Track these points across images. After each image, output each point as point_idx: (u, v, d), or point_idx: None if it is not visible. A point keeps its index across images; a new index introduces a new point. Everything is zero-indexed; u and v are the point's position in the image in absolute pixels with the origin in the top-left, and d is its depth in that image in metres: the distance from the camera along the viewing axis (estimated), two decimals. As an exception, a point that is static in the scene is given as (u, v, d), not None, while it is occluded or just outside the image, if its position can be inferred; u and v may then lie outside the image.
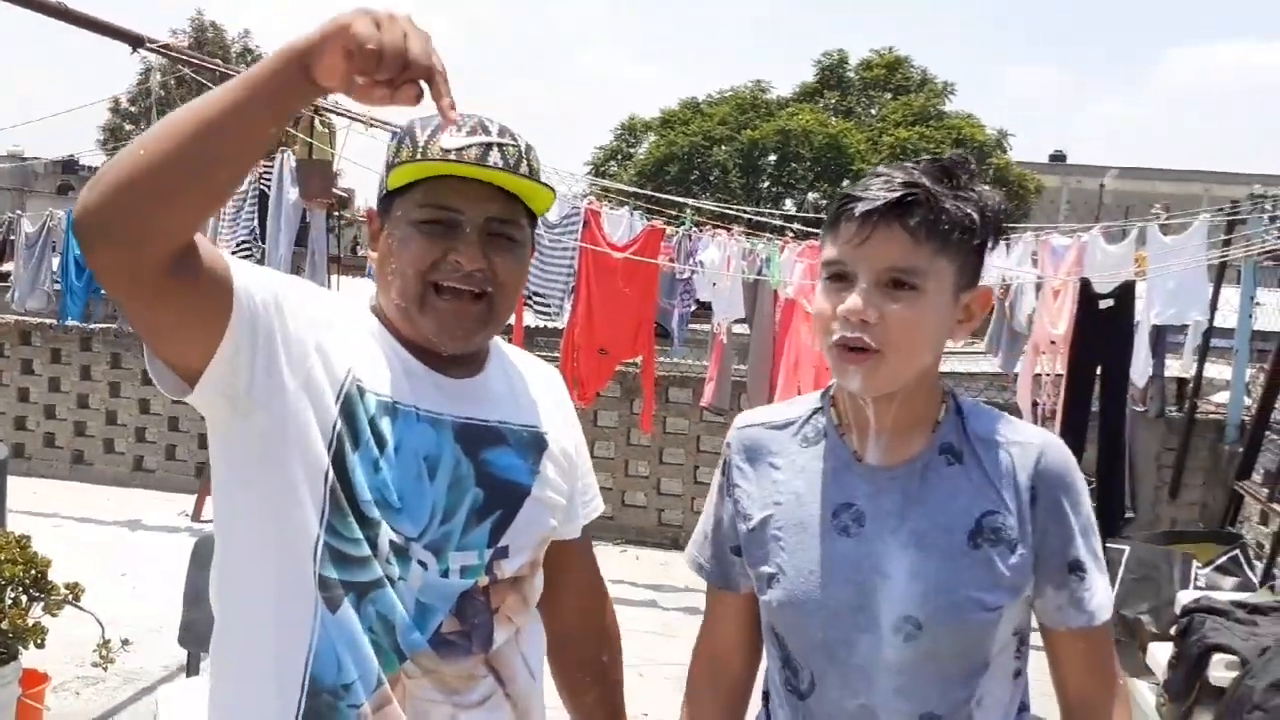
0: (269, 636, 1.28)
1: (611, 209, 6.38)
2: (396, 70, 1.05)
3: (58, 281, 8.52)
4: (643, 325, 6.12)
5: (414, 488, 1.30)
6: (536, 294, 5.95)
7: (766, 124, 25.92)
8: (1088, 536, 1.37)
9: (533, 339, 9.25)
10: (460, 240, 1.31)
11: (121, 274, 1.12)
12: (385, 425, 1.29)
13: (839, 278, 1.31)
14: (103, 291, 5.42)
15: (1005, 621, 1.34)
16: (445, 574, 1.31)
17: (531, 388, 1.49)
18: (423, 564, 1.29)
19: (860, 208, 1.29)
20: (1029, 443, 1.37)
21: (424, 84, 1.08)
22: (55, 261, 8.65)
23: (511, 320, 6.08)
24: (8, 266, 9.33)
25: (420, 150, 1.32)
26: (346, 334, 1.33)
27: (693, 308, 6.60)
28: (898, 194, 1.27)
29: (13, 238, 9.17)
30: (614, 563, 7.06)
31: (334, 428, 1.27)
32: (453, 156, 1.30)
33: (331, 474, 1.26)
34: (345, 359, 1.30)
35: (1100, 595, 1.37)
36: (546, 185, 1.36)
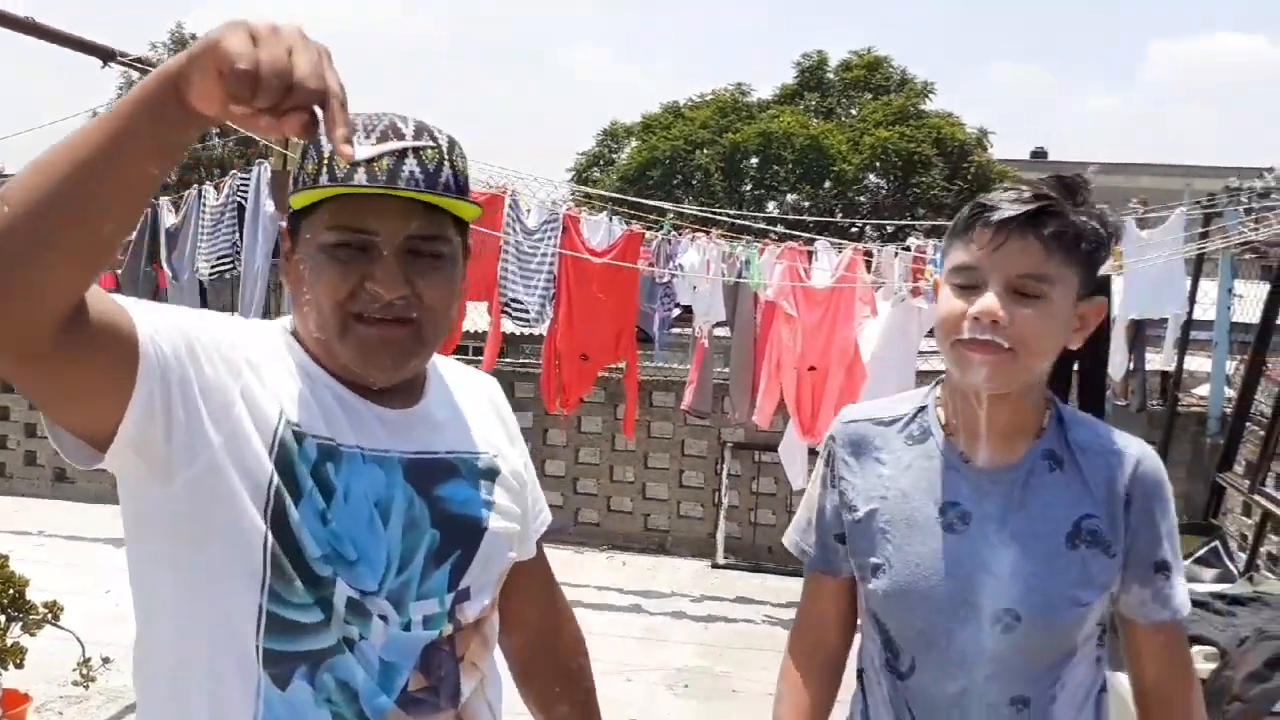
0: None
1: (591, 214, 6.37)
2: (279, 95, 0.87)
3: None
4: (624, 330, 6.12)
5: (367, 537, 1.18)
6: (515, 301, 5.93)
7: (748, 127, 25.90)
8: (1172, 539, 1.47)
9: (516, 346, 9.23)
10: (377, 265, 1.16)
11: None
12: (329, 471, 1.17)
13: (968, 283, 1.39)
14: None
15: (1092, 615, 1.44)
16: (407, 627, 1.21)
17: (475, 407, 1.39)
18: (384, 618, 1.18)
19: (997, 216, 1.37)
20: (1126, 452, 1.47)
21: (318, 110, 0.90)
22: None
23: (488, 329, 6.07)
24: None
25: (325, 165, 1.16)
26: (271, 372, 1.19)
27: (675, 312, 6.59)
28: (1033, 205, 1.36)
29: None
30: (600, 569, 7.05)
31: (270, 483, 1.13)
32: (360, 177, 1.14)
33: (270, 536, 1.12)
34: (274, 402, 1.16)
35: (1182, 593, 1.48)
36: (471, 202, 1.22)
